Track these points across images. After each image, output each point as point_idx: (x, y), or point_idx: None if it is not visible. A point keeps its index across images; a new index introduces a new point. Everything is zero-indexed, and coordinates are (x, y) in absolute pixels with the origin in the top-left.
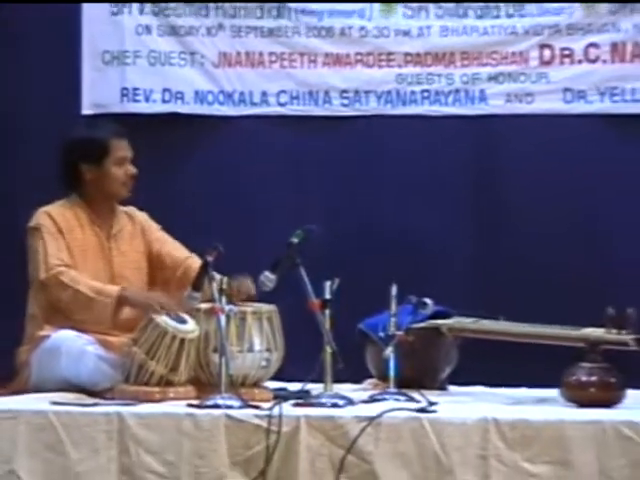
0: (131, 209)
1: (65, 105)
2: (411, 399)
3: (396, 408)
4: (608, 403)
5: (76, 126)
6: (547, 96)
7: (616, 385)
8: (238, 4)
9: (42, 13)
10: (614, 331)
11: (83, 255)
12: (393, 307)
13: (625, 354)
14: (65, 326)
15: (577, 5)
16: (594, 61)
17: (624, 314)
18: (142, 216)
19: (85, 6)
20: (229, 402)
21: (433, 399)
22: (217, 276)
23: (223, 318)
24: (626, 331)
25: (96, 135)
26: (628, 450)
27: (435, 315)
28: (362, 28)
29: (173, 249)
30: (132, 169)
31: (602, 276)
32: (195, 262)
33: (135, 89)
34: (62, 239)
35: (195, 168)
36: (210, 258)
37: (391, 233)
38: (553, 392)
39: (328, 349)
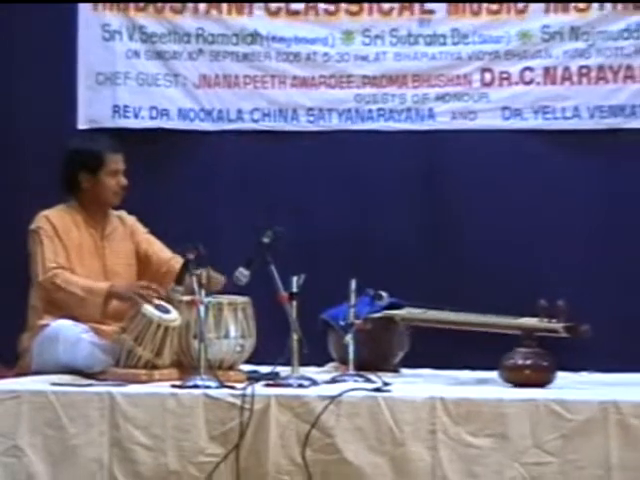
0: (122, 213)
1: (63, 120)
2: (368, 380)
3: (355, 388)
4: (541, 383)
5: (77, 139)
6: (488, 114)
7: (548, 368)
8: (216, 32)
9: (43, 38)
10: (546, 320)
11: (79, 253)
12: (352, 299)
13: (556, 340)
14: (62, 316)
15: (514, 34)
16: (529, 83)
17: (555, 305)
18: (131, 219)
19: (80, 33)
20: (207, 383)
21: (387, 380)
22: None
23: (202, 309)
24: (556, 320)
25: (94, 148)
26: (559, 425)
27: (389, 306)
28: (325, 54)
29: (159, 250)
30: (124, 180)
31: (536, 272)
32: (177, 262)
33: (125, 106)
34: (59, 241)
35: (178, 176)
36: (191, 257)
37: (351, 234)
38: (493, 374)
39: (295, 336)
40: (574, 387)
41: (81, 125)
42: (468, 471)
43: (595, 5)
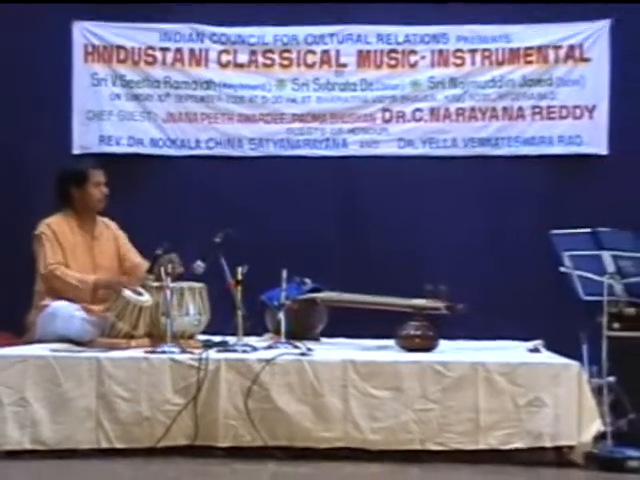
0: (106, 219)
1: (61, 147)
2: (296, 347)
3: (286, 352)
4: (427, 349)
5: (66, 162)
6: (387, 144)
7: (433, 337)
8: (180, 79)
9: (46, 85)
10: (431, 301)
11: (74, 252)
12: (283, 285)
13: (439, 316)
14: (60, 298)
15: (407, 82)
16: (419, 120)
17: (438, 289)
18: (114, 225)
19: (75, 80)
20: (172, 349)
21: (310, 347)
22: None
23: (168, 292)
24: (439, 300)
25: (80, 167)
26: (439, 380)
27: (312, 290)
28: (263, 97)
29: (133, 256)
30: (105, 190)
31: (425, 264)
32: (143, 264)
33: (109, 137)
34: (57, 243)
35: (151, 191)
36: (159, 252)
37: (283, 235)
38: (390, 342)
39: (240, 313)
40: (452, 351)
41: (75, 151)
42: (372, 416)
43: (468, 61)
